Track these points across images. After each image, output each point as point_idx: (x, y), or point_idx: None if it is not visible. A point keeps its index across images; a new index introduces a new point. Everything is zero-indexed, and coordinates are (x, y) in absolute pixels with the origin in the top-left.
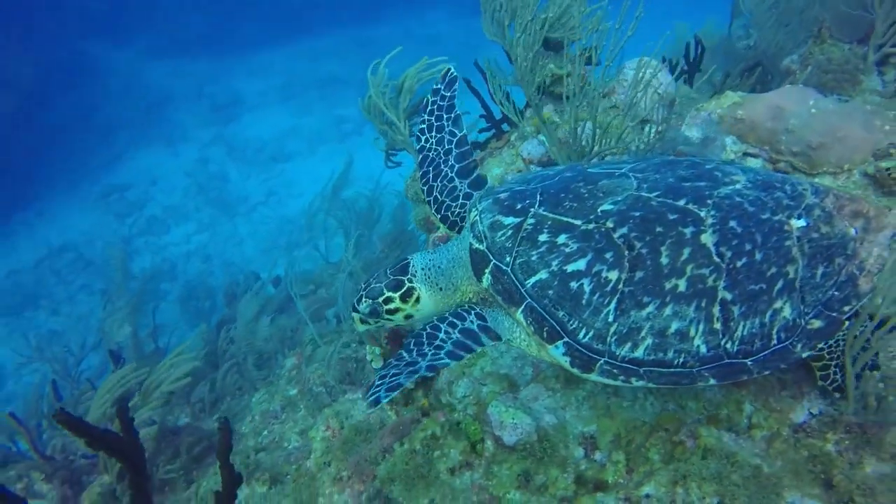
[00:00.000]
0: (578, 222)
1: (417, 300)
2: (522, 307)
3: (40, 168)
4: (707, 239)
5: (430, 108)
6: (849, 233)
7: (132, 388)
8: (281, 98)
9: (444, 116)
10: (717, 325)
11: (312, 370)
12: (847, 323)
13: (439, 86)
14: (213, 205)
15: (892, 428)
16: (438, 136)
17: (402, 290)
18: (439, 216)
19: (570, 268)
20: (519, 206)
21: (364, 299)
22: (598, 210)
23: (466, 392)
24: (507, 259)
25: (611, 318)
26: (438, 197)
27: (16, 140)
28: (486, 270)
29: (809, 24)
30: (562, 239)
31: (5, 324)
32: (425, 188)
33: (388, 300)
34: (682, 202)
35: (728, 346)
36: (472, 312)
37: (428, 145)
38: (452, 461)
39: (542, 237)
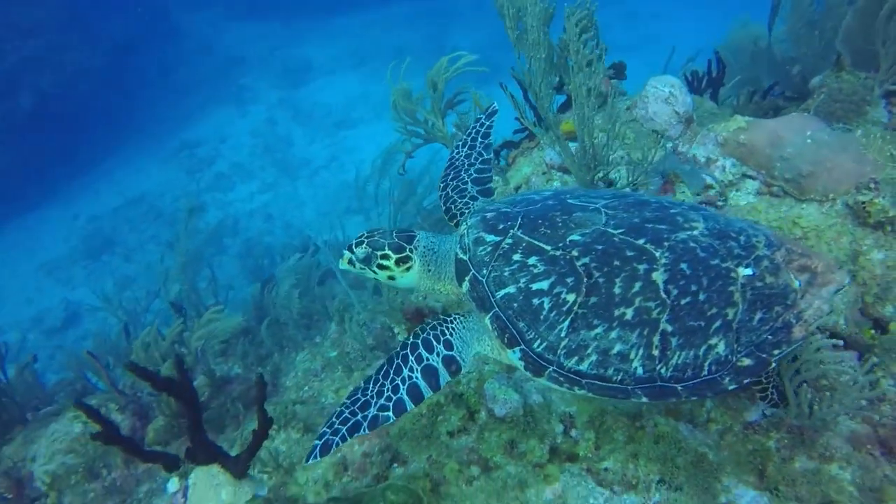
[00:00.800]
0: (548, 248)
1: (408, 269)
2: (490, 314)
3: (122, 121)
4: (658, 277)
5: (469, 131)
6: (792, 285)
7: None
8: (350, 65)
9: (479, 140)
10: (655, 352)
11: (351, 335)
12: (774, 364)
13: (481, 115)
14: (278, 166)
15: (826, 433)
16: (468, 151)
17: (401, 255)
18: (444, 207)
19: (534, 286)
20: (501, 227)
21: (364, 245)
22: (567, 239)
23: (471, 368)
24: (484, 271)
25: (563, 334)
26: (450, 193)
27: (103, 95)
28: (466, 278)
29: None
30: (532, 260)
31: (84, 266)
32: (442, 182)
33: (386, 257)
34: (641, 241)
35: (662, 371)
36: (442, 340)
37: (457, 155)
38: (452, 426)
39: (516, 256)
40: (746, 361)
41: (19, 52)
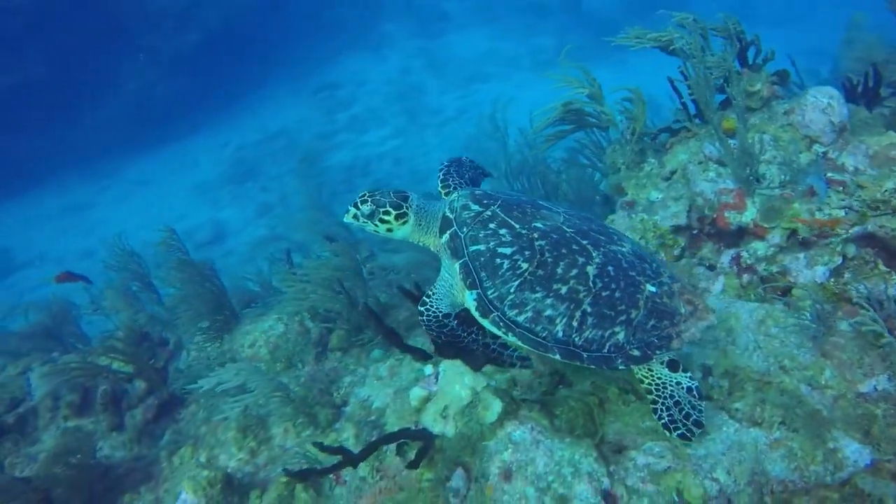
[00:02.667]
0: (517, 226)
1: (404, 223)
2: (461, 261)
3: (270, 59)
4: (590, 270)
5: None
6: (679, 310)
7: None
8: (484, 20)
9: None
10: (575, 324)
11: None
12: (654, 359)
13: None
14: (409, 114)
15: None
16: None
17: (399, 212)
18: (441, 177)
19: (500, 250)
20: (485, 202)
21: (369, 203)
22: (532, 224)
23: None
24: (465, 230)
25: (511, 291)
26: (450, 170)
27: (252, 34)
28: (448, 232)
29: None
30: (502, 231)
31: (230, 191)
32: (447, 162)
33: (387, 213)
34: (585, 242)
35: (576, 339)
36: (441, 315)
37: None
38: None
39: (491, 225)
40: (635, 353)
41: None
